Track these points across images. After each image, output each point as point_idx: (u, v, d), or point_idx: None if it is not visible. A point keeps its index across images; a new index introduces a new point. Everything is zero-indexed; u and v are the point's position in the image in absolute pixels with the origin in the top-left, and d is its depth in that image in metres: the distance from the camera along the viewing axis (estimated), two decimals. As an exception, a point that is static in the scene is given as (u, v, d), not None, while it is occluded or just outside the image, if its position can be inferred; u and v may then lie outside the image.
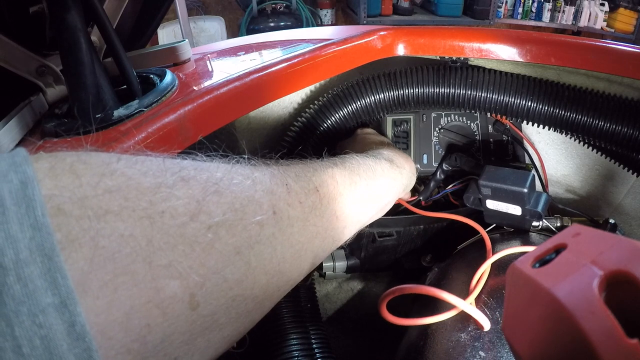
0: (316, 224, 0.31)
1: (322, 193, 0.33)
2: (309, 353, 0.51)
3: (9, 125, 0.47)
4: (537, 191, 0.54)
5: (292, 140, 0.60)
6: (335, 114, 0.60)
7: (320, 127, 0.60)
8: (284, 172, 0.31)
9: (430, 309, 0.47)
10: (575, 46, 0.57)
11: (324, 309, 0.75)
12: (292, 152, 0.59)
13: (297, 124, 0.62)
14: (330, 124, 0.60)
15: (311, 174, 0.34)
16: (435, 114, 0.70)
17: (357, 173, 0.41)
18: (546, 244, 0.20)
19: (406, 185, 0.52)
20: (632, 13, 3.03)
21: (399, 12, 3.09)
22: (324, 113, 0.60)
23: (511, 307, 0.21)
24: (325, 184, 0.34)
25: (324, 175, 0.35)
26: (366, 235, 0.64)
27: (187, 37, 2.26)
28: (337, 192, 0.35)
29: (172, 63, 0.62)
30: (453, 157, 0.66)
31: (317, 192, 0.33)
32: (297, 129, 0.61)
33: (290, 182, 0.30)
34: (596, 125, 0.53)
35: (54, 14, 0.44)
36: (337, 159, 0.42)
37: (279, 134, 0.69)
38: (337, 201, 0.35)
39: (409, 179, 0.53)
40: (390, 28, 0.66)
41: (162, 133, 0.44)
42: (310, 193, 0.32)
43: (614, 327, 0.15)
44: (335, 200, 0.35)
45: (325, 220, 0.33)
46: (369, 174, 0.43)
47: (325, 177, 0.35)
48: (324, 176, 0.35)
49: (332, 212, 0.34)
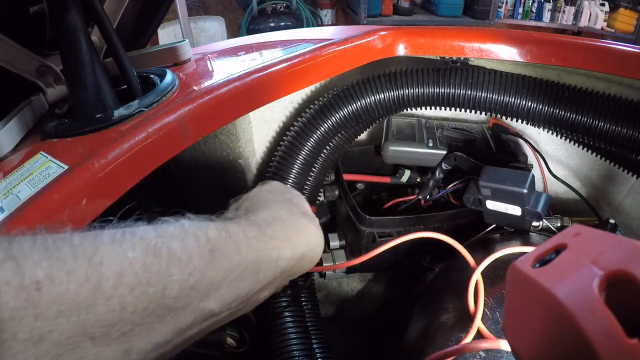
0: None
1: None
2: (310, 353, 0.51)
3: (9, 125, 0.47)
4: (537, 191, 0.54)
5: (292, 140, 0.60)
6: (336, 114, 0.60)
7: (321, 127, 0.60)
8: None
9: (432, 310, 0.47)
10: (575, 46, 0.57)
11: (324, 309, 0.75)
12: (292, 151, 0.59)
13: (297, 124, 0.62)
14: (331, 124, 0.60)
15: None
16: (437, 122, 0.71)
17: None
18: (546, 244, 0.20)
19: (292, 265, 0.36)
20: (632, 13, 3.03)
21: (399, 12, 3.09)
22: (324, 113, 0.60)
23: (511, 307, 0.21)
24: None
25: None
26: (366, 236, 0.64)
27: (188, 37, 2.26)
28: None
29: (172, 63, 0.62)
30: (452, 157, 0.66)
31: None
32: (297, 129, 0.61)
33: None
34: (596, 125, 0.53)
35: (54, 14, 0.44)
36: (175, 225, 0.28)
37: (279, 134, 0.69)
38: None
39: (294, 255, 0.36)
40: (391, 28, 0.66)
41: (162, 133, 0.44)
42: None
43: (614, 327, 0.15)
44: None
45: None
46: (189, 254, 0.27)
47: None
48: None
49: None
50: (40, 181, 0.38)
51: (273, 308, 0.53)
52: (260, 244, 0.32)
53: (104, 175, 0.39)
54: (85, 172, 0.38)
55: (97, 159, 0.39)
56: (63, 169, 0.39)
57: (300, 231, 0.38)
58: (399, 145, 0.70)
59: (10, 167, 0.42)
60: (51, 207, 0.35)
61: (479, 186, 0.54)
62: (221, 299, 0.29)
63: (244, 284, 0.30)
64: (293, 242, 0.36)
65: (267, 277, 0.32)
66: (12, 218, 0.34)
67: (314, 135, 0.60)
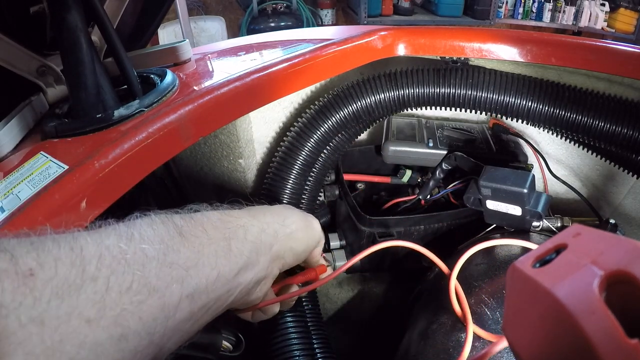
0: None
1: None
2: (310, 353, 0.51)
3: (10, 125, 0.47)
4: (538, 191, 0.54)
5: (292, 141, 0.60)
6: (336, 114, 0.60)
7: (321, 127, 0.60)
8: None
9: (432, 310, 0.47)
10: (575, 46, 0.57)
11: (324, 309, 0.75)
12: (292, 152, 0.59)
13: (297, 124, 0.62)
14: (331, 124, 0.60)
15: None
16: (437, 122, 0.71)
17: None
18: (546, 244, 0.20)
19: (271, 243, 0.37)
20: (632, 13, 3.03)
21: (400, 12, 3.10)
22: (324, 113, 0.60)
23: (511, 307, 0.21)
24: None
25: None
26: (367, 236, 0.64)
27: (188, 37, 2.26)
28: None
29: (172, 63, 0.62)
30: (452, 156, 0.66)
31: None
32: (297, 129, 0.61)
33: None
34: (596, 125, 0.53)
35: (55, 14, 0.44)
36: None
37: (279, 134, 0.69)
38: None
39: (265, 231, 0.37)
40: (391, 28, 0.66)
41: (162, 133, 0.44)
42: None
43: (614, 327, 0.15)
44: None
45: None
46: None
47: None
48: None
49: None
50: (40, 181, 0.38)
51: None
52: (224, 223, 0.34)
53: (104, 175, 0.39)
54: (85, 172, 0.38)
55: (98, 159, 0.39)
56: (63, 169, 0.39)
57: (267, 210, 0.40)
58: (400, 145, 0.70)
59: (10, 167, 0.42)
60: (51, 207, 0.35)
61: (479, 186, 0.54)
62: (203, 275, 0.30)
63: (220, 261, 0.31)
64: (259, 219, 0.37)
65: (242, 254, 0.33)
66: (13, 218, 0.34)
67: (314, 135, 0.60)
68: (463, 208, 0.62)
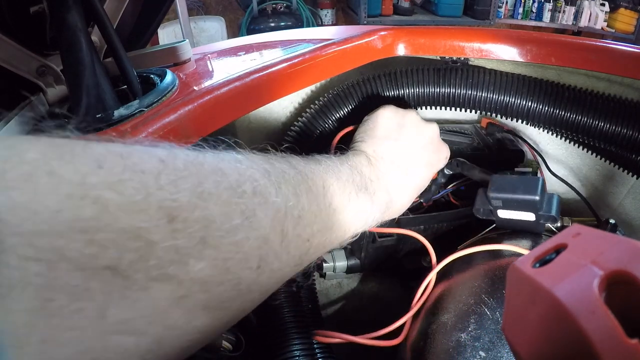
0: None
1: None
2: (310, 353, 0.51)
3: (9, 125, 0.47)
4: (548, 194, 0.53)
5: (292, 141, 0.60)
6: (336, 114, 0.60)
7: (321, 127, 0.60)
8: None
9: (432, 311, 0.47)
10: (575, 46, 0.57)
11: (324, 309, 0.75)
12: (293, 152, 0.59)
13: (297, 124, 0.62)
14: (331, 124, 0.60)
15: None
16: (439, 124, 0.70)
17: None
18: (546, 244, 0.20)
19: (376, 218, 0.43)
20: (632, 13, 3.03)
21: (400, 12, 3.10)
22: (324, 113, 0.60)
23: (511, 307, 0.21)
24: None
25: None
26: (366, 236, 0.64)
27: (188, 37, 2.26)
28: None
29: (172, 63, 0.62)
30: (454, 162, 0.66)
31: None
32: (298, 129, 0.61)
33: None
34: (596, 125, 0.53)
35: (54, 14, 0.44)
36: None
37: (279, 134, 0.69)
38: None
39: (381, 212, 0.44)
40: (391, 28, 0.66)
41: (162, 133, 0.44)
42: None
43: (614, 327, 0.15)
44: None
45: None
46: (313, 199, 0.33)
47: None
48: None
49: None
50: (40, 181, 0.38)
51: (274, 308, 0.53)
52: (358, 201, 0.40)
53: (104, 175, 0.39)
54: (85, 172, 0.38)
55: (97, 159, 0.39)
56: (63, 169, 0.39)
57: (397, 189, 0.47)
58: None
59: (10, 167, 0.42)
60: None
61: (488, 198, 0.52)
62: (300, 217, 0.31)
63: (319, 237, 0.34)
64: (388, 197, 0.46)
65: (353, 227, 0.40)
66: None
67: (315, 135, 0.60)
68: (463, 208, 0.62)
